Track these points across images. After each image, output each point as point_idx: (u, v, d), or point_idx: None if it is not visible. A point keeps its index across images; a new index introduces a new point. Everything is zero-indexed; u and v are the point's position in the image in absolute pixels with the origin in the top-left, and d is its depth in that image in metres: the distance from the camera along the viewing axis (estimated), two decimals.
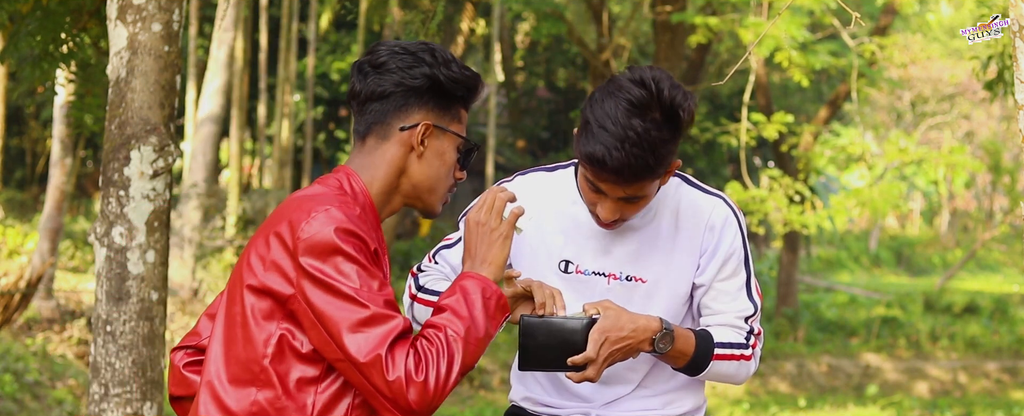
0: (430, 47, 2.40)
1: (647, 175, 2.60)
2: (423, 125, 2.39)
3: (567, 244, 2.82)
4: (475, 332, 2.31)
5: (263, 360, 2.29)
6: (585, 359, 2.60)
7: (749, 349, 2.80)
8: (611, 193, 2.66)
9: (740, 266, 2.81)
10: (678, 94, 2.59)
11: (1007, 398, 16.82)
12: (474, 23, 19.38)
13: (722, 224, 2.79)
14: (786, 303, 19.13)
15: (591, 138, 2.58)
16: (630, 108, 2.56)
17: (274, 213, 2.37)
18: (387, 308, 2.24)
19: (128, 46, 3.84)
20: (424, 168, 2.42)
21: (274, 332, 2.28)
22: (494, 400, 14.11)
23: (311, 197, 2.33)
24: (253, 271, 2.30)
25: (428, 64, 2.38)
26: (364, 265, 2.25)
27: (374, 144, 2.41)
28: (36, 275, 11.93)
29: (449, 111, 2.43)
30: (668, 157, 2.61)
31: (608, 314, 2.63)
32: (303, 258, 2.24)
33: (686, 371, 2.78)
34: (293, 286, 2.25)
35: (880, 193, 14.63)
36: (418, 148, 2.40)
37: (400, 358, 2.21)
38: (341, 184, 2.39)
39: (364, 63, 2.42)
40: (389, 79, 2.38)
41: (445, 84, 2.39)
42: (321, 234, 2.24)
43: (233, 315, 2.34)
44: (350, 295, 2.22)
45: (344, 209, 2.28)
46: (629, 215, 2.72)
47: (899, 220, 40.20)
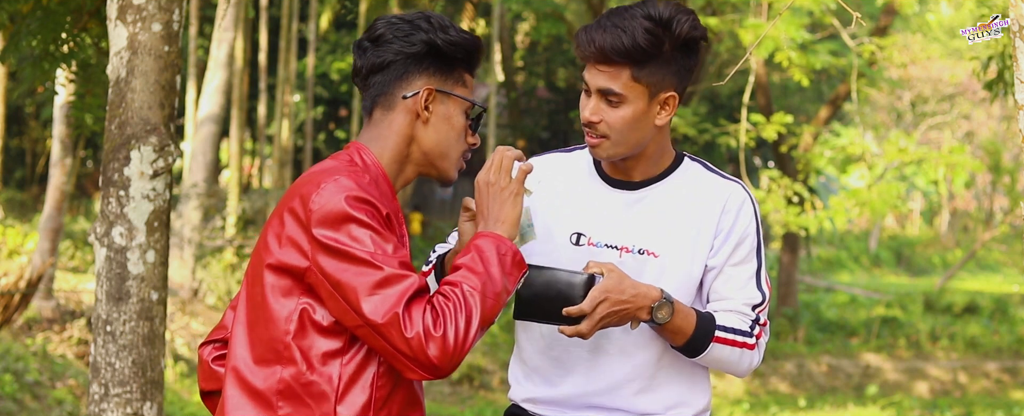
0: (426, 15, 2.41)
1: (623, 58, 2.65)
2: (425, 90, 2.40)
3: (580, 217, 2.82)
4: (492, 287, 2.31)
5: (286, 337, 2.29)
6: (579, 311, 2.60)
7: (753, 338, 2.79)
8: (591, 82, 2.71)
9: (752, 253, 2.81)
10: (681, 16, 2.67)
11: (1007, 398, 16.83)
12: (474, 23, 19.38)
13: (738, 207, 2.80)
14: (786, 303, 19.14)
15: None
16: (631, 7, 2.68)
17: (289, 191, 2.38)
18: (401, 268, 2.24)
19: (128, 46, 3.84)
20: (432, 134, 2.43)
21: (295, 308, 2.29)
22: (494, 400, 14.11)
23: (322, 171, 2.34)
24: (270, 250, 2.31)
25: (424, 30, 2.38)
26: (377, 229, 2.25)
27: (380, 116, 2.43)
28: (36, 275, 11.93)
29: (451, 75, 2.43)
30: (651, 59, 2.66)
31: (611, 275, 2.63)
32: (316, 229, 2.25)
33: (685, 351, 2.76)
34: (308, 259, 2.26)
35: (879, 193, 14.63)
36: (423, 114, 2.41)
37: (417, 315, 2.22)
38: (352, 158, 2.40)
39: (363, 39, 2.43)
40: (388, 49, 2.39)
41: (443, 48, 2.39)
42: (332, 203, 2.25)
43: (254, 296, 2.35)
44: (364, 259, 2.23)
45: (354, 177, 2.29)
46: (613, 126, 2.71)
47: (899, 220, 40.20)
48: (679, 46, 2.69)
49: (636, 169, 2.82)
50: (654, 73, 2.69)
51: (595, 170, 2.86)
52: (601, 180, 2.84)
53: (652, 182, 2.82)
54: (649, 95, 2.71)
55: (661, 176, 2.83)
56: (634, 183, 2.82)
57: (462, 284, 2.30)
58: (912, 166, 18.58)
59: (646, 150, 2.79)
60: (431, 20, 2.40)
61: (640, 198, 2.81)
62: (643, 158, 2.80)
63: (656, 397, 2.83)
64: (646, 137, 2.75)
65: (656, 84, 2.70)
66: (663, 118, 2.75)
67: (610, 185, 2.83)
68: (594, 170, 2.86)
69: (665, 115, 2.75)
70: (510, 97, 26.54)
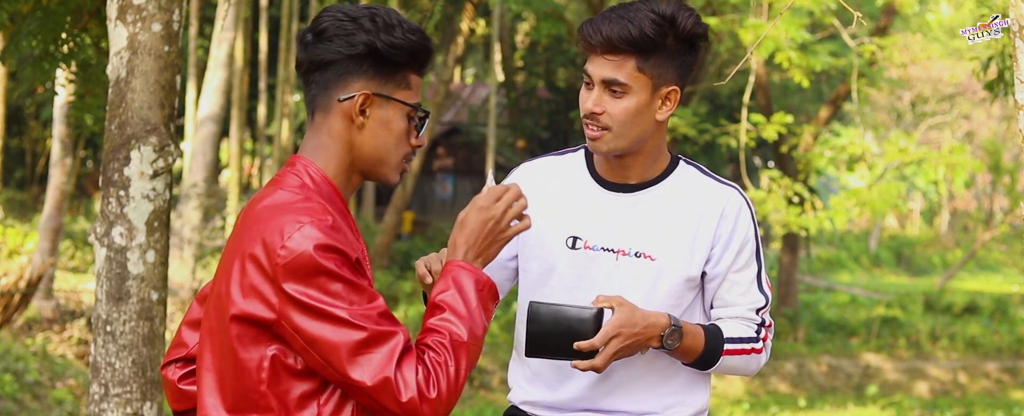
0: (373, 12, 2.28)
1: (630, 47, 2.66)
2: (361, 95, 2.27)
3: (575, 220, 2.82)
4: (475, 329, 2.26)
5: (260, 387, 2.21)
6: (591, 346, 2.60)
7: (760, 342, 2.81)
8: (595, 73, 2.71)
9: (752, 257, 2.82)
10: (684, 12, 2.69)
11: (1007, 398, 16.83)
12: (474, 23, 19.38)
13: (736, 213, 2.80)
14: (786, 303, 19.14)
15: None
16: (635, 2, 2.71)
17: (241, 228, 2.25)
18: (383, 323, 2.16)
19: (128, 46, 3.84)
20: (368, 139, 2.30)
21: (266, 355, 2.20)
22: (494, 400, 14.11)
23: (279, 209, 2.22)
24: (233, 300, 2.20)
25: (366, 31, 2.25)
26: (349, 280, 2.16)
27: (321, 120, 2.31)
28: (36, 275, 11.93)
29: (393, 78, 2.30)
30: (656, 51, 2.68)
31: (623, 309, 2.64)
32: (286, 284, 2.14)
33: (696, 366, 2.79)
34: (276, 311, 2.16)
35: (879, 193, 14.63)
36: (358, 119, 2.28)
37: (410, 376, 2.15)
38: (302, 182, 2.28)
39: (307, 31, 2.31)
40: (329, 47, 2.26)
41: (383, 52, 2.26)
42: (300, 255, 2.14)
43: (220, 346, 2.25)
44: (342, 318, 2.14)
45: (318, 222, 2.17)
46: (615, 117, 2.72)
47: (899, 220, 40.21)
48: (682, 41, 2.71)
49: (633, 171, 2.81)
50: (658, 65, 2.70)
51: (590, 173, 2.85)
52: (596, 183, 2.84)
53: (648, 185, 2.82)
54: (652, 87, 2.72)
55: (657, 179, 2.82)
56: (630, 186, 2.82)
57: (448, 333, 2.23)
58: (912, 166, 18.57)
59: (644, 148, 2.78)
60: (376, 19, 2.26)
61: (636, 201, 2.81)
62: (641, 157, 2.80)
63: (654, 397, 2.83)
64: (646, 132, 2.75)
65: (659, 77, 2.71)
66: (663, 113, 2.76)
67: (605, 188, 2.83)
68: (589, 173, 2.85)
69: (666, 110, 2.76)
70: (510, 97, 26.54)
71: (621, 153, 2.78)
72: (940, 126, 30.08)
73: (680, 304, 2.79)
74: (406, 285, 17.03)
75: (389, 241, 18.71)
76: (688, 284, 2.79)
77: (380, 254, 18.42)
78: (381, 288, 16.36)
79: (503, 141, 26.44)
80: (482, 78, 32.66)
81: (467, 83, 32.75)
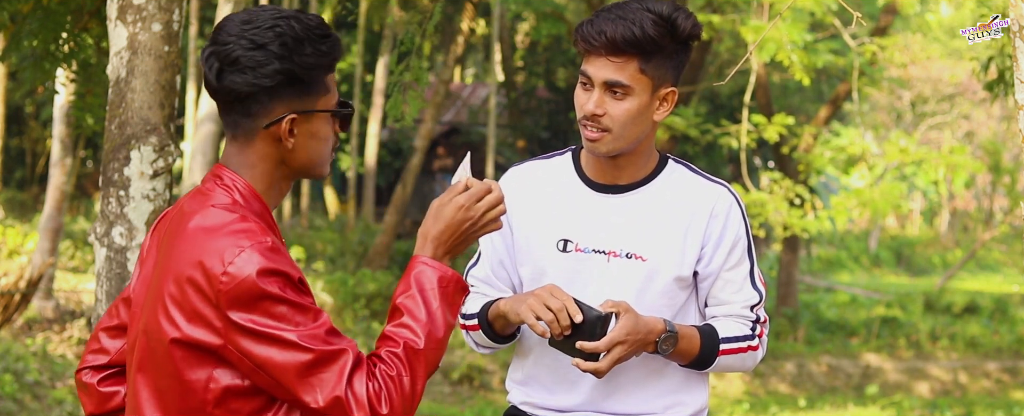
0: (279, 33, 2.19)
1: (633, 48, 2.65)
2: (288, 120, 2.23)
3: (565, 223, 2.82)
4: (435, 333, 2.23)
5: (207, 407, 2.18)
6: (594, 349, 2.62)
7: (755, 339, 2.82)
8: (596, 75, 2.71)
9: (744, 255, 2.82)
10: (681, 13, 2.68)
11: (1007, 398, 16.82)
12: (474, 23, 19.38)
13: (727, 212, 2.80)
14: (786, 303, 19.13)
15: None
16: (629, 2, 2.70)
17: (172, 245, 2.22)
18: (330, 341, 2.14)
19: (128, 46, 3.84)
20: (300, 154, 2.27)
21: (212, 376, 2.17)
22: (494, 400, 14.11)
23: (214, 231, 2.18)
24: (175, 323, 2.17)
25: (277, 57, 2.19)
26: (293, 302, 2.13)
27: (244, 141, 2.27)
28: (36, 275, 11.93)
29: (312, 91, 2.25)
30: (657, 52, 2.68)
31: (628, 316, 2.65)
32: (231, 312, 2.12)
33: (693, 367, 2.80)
34: (222, 337, 2.14)
35: (881, 194, 14.62)
36: (288, 141, 2.25)
37: (361, 391, 2.13)
38: (233, 199, 2.24)
39: (213, 56, 2.22)
40: (242, 79, 2.20)
41: (301, 75, 2.21)
42: (243, 281, 2.11)
43: (157, 365, 2.21)
44: (290, 340, 2.12)
45: (258, 245, 2.14)
46: (616, 119, 2.72)
47: (899, 220, 40.19)
48: (681, 41, 2.71)
49: (625, 171, 2.81)
50: (659, 66, 2.70)
51: (578, 175, 2.85)
52: (585, 185, 2.84)
53: (638, 185, 2.82)
54: (652, 88, 2.72)
55: (647, 179, 2.82)
56: (620, 187, 2.82)
57: (403, 341, 2.20)
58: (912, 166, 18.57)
59: (639, 148, 2.79)
60: (284, 41, 2.19)
61: (626, 202, 2.81)
62: (634, 158, 2.80)
63: (654, 397, 2.84)
64: (644, 132, 2.76)
65: (659, 78, 2.71)
66: (661, 114, 2.76)
67: (594, 190, 2.83)
68: (577, 175, 2.85)
69: (663, 111, 2.76)
70: (510, 97, 26.53)
71: (618, 154, 2.78)
72: (940, 126, 30.07)
73: (673, 304, 2.80)
74: None
75: (389, 241, 18.70)
76: (680, 284, 2.79)
77: (380, 254, 18.41)
78: (381, 288, 16.36)
79: (503, 141, 26.43)
80: (482, 78, 32.66)
81: (467, 83, 32.75)
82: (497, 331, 2.83)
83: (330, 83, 2.29)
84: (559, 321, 2.62)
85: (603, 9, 2.72)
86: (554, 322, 2.62)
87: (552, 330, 2.63)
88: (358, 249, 19.33)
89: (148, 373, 2.24)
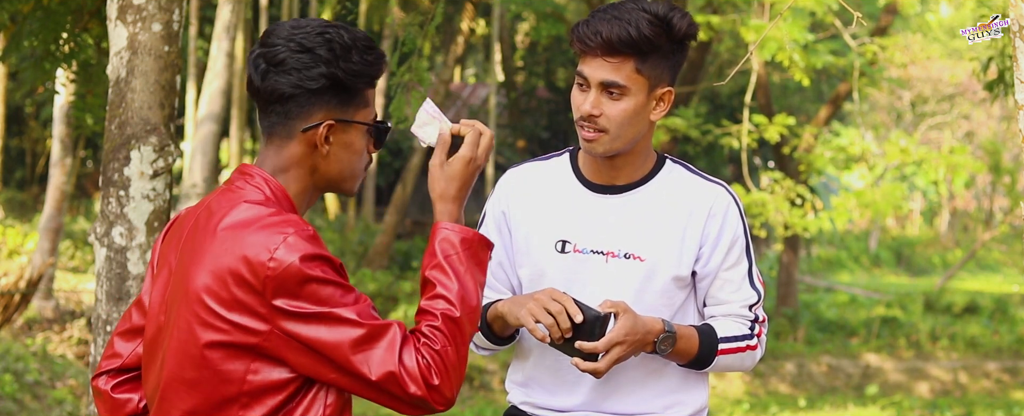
0: (328, 39, 2.26)
1: (630, 49, 2.66)
2: (325, 126, 2.29)
3: (563, 223, 2.82)
4: (468, 298, 2.28)
5: (242, 396, 2.23)
6: (593, 349, 2.62)
7: (754, 339, 2.83)
8: (592, 76, 2.71)
9: (743, 254, 2.82)
10: (677, 13, 2.68)
11: (1007, 398, 16.82)
12: (474, 23, 19.39)
13: (724, 211, 2.80)
14: (786, 303, 19.13)
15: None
16: (624, 2, 2.71)
17: (205, 248, 2.24)
18: (377, 317, 2.20)
19: (128, 46, 3.84)
20: (333, 163, 2.33)
21: (250, 367, 2.21)
22: (494, 400, 14.11)
23: (252, 223, 2.22)
24: (206, 323, 2.21)
25: (325, 62, 2.25)
26: (338, 283, 2.19)
27: (280, 144, 2.32)
28: (36, 275, 11.93)
29: (353, 102, 2.32)
30: (654, 52, 2.68)
31: (627, 317, 2.65)
32: (278, 300, 2.17)
33: (692, 367, 2.80)
34: (267, 323, 2.18)
35: (882, 195, 14.62)
36: (323, 148, 2.30)
37: (412, 365, 2.18)
38: (265, 196, 2.29)
39: (260, 57, 2.29)
40: (287, 80, 2.26)
41: (345, 81, 2.28)
42: (288, 267, 2.16)
43: (191, 355, 2.24)
44: (339, 316, 2.17)
45: (301, 232, 2.20)
46: (612, 119, 2.72)
47: (899, 220, 40.18)
48: (677, 41, 2.71)
49: (623, 172, 2.81)
50: (655, 66, 2.70)
51: (576, 176, 2.86)
52: (583, 186, 2.84)
53: (636, 185, 2.82)
54: (648, 88, 2.72)
55: (644, 179, 2.83)
56: (617, 187, 2.82)
57: (440, 313, 2.25)
58: (912, 166, 18.57)
59: (636, 148, 2.79)
60: (332, 47, 2.26)
61: (624, 202, 2.81)
62: (631, 158, 2.80)
63: (653, 397, 2.84)
64: (640, 132, 2.76)
65: (656, 78, 2.71)
66: (657, 113, 2.76)
67: (592, 190, 2.83)
68: (575, 176, 2.86)
69: (660, 111, 2.76)
70: (510, 97, 26.53)
71: (615, 154, 2.78)
72: (940, 126, 30.07)
73: (671, 304, 2.80)
74: (406, 285, 17.02)
75: (389, 241, 18.70)
76: (678, 283, 2.80)
77: (380, 254, 18.41)
78: (381, 288, 16.37)
79: (503, 141, 26.42)
80: (482, 78, 32.66)
81: (467, 83, 32.76)
82: (496, 333, 2.84)
83: (370, 98, 2.35)
84: (559, 325, 2.62)
85: (599, 9, 2.73)
86: (553, 326, 2.62)
87: (551, 334, 2.63)
88: (358, 249, 19.33)
89: (182, 363, 2.25)
